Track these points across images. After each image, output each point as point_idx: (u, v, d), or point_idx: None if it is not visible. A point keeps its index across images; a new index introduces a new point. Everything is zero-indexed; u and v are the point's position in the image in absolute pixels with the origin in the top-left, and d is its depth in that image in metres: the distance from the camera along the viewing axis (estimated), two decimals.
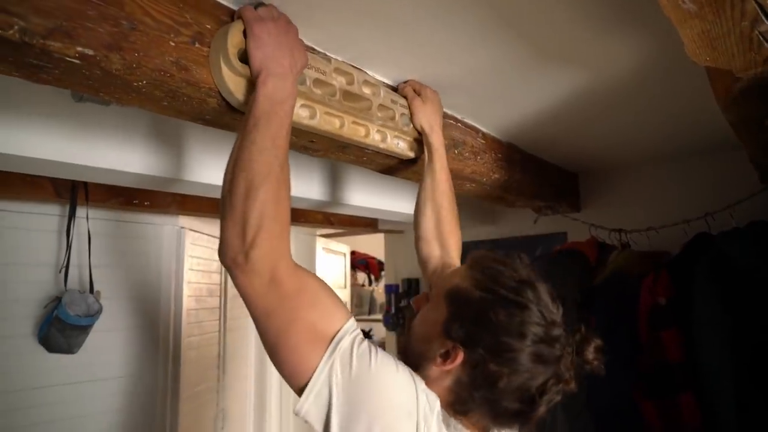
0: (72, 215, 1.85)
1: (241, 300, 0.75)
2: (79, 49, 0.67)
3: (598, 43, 1.03)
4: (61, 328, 1.76)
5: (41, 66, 0.69)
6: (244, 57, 0.81)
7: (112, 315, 1.98)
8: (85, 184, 1.74)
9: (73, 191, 1.75)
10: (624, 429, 1.65)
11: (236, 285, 0.74)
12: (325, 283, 0.78)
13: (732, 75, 0.81)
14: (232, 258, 0.73)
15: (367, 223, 2.86)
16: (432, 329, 0.82)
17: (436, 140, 1.19)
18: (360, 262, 5.27)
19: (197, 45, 0.80)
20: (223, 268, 2.80)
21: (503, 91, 1.28)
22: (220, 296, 2.82)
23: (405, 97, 1.19)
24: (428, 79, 1.21)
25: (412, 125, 1.20)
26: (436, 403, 0.75)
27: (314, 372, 0.69)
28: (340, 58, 1.06)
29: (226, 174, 0.78)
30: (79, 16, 0.66)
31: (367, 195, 1.92)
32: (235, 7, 0.86)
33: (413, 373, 0.76)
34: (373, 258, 5.30)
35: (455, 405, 0.79)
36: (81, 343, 1.84)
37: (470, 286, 0.81)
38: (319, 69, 0.97)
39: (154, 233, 2.25)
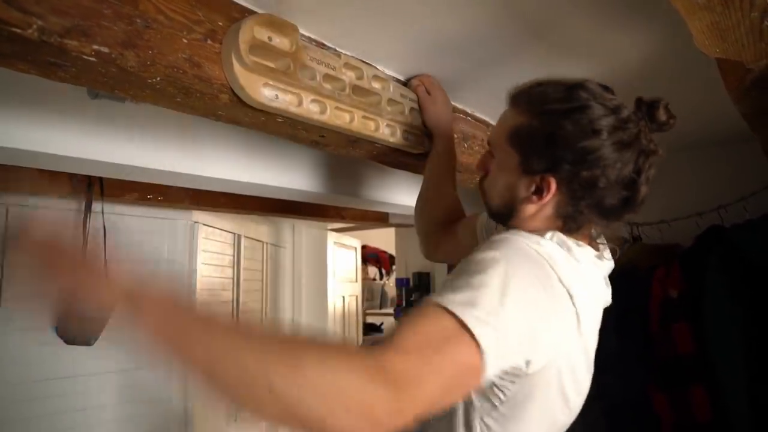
0: (88, 210, 1.88)
1: (253, 294, 0.73)
2: (95, 47, 0.68)
3: (607, 36, 1.03)
4: (78, 320, 1.80)
5: (58, 64, 0.70)
6: (255, 52, 0.83)
7: None
8: (101, 179, 1.77)
9: (89, 186, 1.77)
10: (635, 421, 1.66)
11: None
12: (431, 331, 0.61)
13: (743, 66, 0.80)
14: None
15: (377, 217, 2.87)
16: (510, 176, 0.82)
17: (447, 142, 1.21)
18: (371, 256, 5.30)
19: (209, 42, 0.81)
20: (236, 263, 2.85)
21: (513, 84, 1.27)
22: (233, 290, 2.85)
23: (416, 95, 1.20)
24: (438, 73, 1.21)
25: (421, 120, 1.21)
26: (545, 242, 0.75)
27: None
28: (349, 53, 1.06)
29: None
30: (95, 15, 0.67)
31: (377, 189, 1.93)
32: (247, 4, 0.87)
33: (510, 241, 0.73)
34: (384, 252, 5.32)
35: (567, 225, 0.80)
36: (97, 335, 1.88)
37: (525, 119, 0.80)
38: (329, 64, 0.98)
39: (168, 228, 2.28)
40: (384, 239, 4.88)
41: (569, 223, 0.80)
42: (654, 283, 1.68)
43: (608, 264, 0.86)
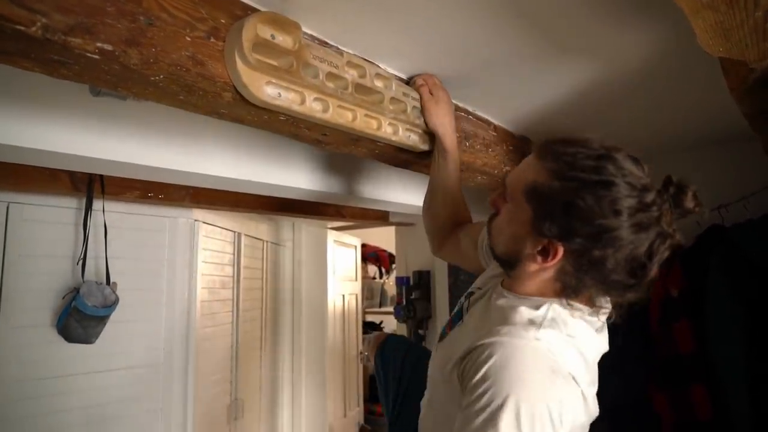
0: (89, 208, 1.88)
1: (253, 292, 0.74)
2: (99, 44, 0.68)
3: (611, 34, 1.02)
4: (79, 318, 1.80)
5: (62, 62, 0.70)
6: (258, 50, 0.83)
7: (129, 306, 2.02)
8: (101, 177, 1.77)
9: (89, 184, 1.77)
10: (636, 422, 1.66)
11: None
12: None
13: (746, 65, 0.80)
14: None
15: (378, 216, 2.87)
16: (520, 229, 0.80)
17: (450, 142, 1.21)
18: (371, 255, 5.30)
19: (212, 40, 0.81)
20: (236, 261, 2.85)
21: (515, 82, 1.28)
22: (233, 288, 2.85)
23: (419, 95, 1.20)
24: (440, 72, 1.21)
25: (423, 119, 1.21)
26: (543, 334, 0.75)
27: None
28: (352, 52, 1.06)
29: None
30: (99, 12, 0.67)
31: (378, 188, 1.93)
32: (250, 2, 0.87)
33: (509, 355, 0.72)
34: (384, 251, 5.32)
35: (565, 291, 0.79)
36: (98, 333, 1.88)
37: (547, 178, 0.77)
38: (331, 62, 0.98)
39: (169, 226, 2.28)
40: (383, 238, 4.88)
41: (567, 291, 0.79)
42: (655, 282, 1.68)
43: (604, 316, 0.84)
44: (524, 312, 0.78)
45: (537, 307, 0.78)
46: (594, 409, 0.82)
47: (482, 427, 0.67)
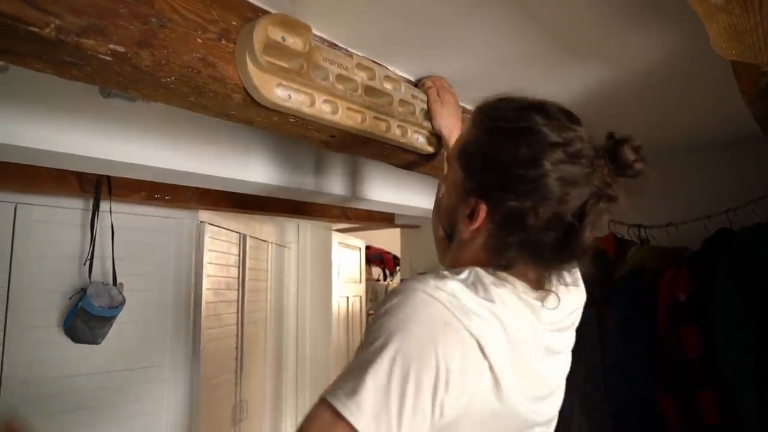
0: (96, 209, 1.88)
1: (258, 293, 0.71)
2: (111, 46, 0.68)
3: (623, 37, 1.02)
4: (85, 319, 1.80)
5: (74, 63, 0.71)
6: (269, 52, 0.83)
7: (135, 307, 2.02)
8: (108, 178, 1.77)
9: (97, 186, 1.78)
10: (642, 423, 1.65)
11: None
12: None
13: (758, 69, 0.80)
14: None
15: (383, 218, 2.87)
16: (455, 195, 0.76)
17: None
18: (375, 257, 5.29)
19: (223, 41, 0.81)
20: (241, 262, 2.85)
21: (524, 85, 1.26)
22: (238, 289, 2.85)
23: (427, 97, 1.20)
24: (449, 74, 1.21)
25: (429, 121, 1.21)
26: (450, 284, 0.65)
27: None
28: (361, 54, 1.06)
29: None
30: (112, 14, 0.67)
31: (384, 190, 1.93)
32: (260, 4, 0.87)
33: (404, 301, 0.64)
34: (388, 253, 5.32)
35: (494, 260, 0.71)
36: (105, 333, 1.88)
37: (473, 134, 0.75)
38: (341, 65, 0.98)
39: (175, 227, 2.28)
40: (387, 240, 4.87)
41: (496, 259, 0.70)
42: (662, 285, 1.67)
43: (554, 302, 0.72)
44: (442, 272, 0.70)
45: (458, 273, 0.69)
46: (523, 411, 0.67)
47: (361, 365, 0.59)
